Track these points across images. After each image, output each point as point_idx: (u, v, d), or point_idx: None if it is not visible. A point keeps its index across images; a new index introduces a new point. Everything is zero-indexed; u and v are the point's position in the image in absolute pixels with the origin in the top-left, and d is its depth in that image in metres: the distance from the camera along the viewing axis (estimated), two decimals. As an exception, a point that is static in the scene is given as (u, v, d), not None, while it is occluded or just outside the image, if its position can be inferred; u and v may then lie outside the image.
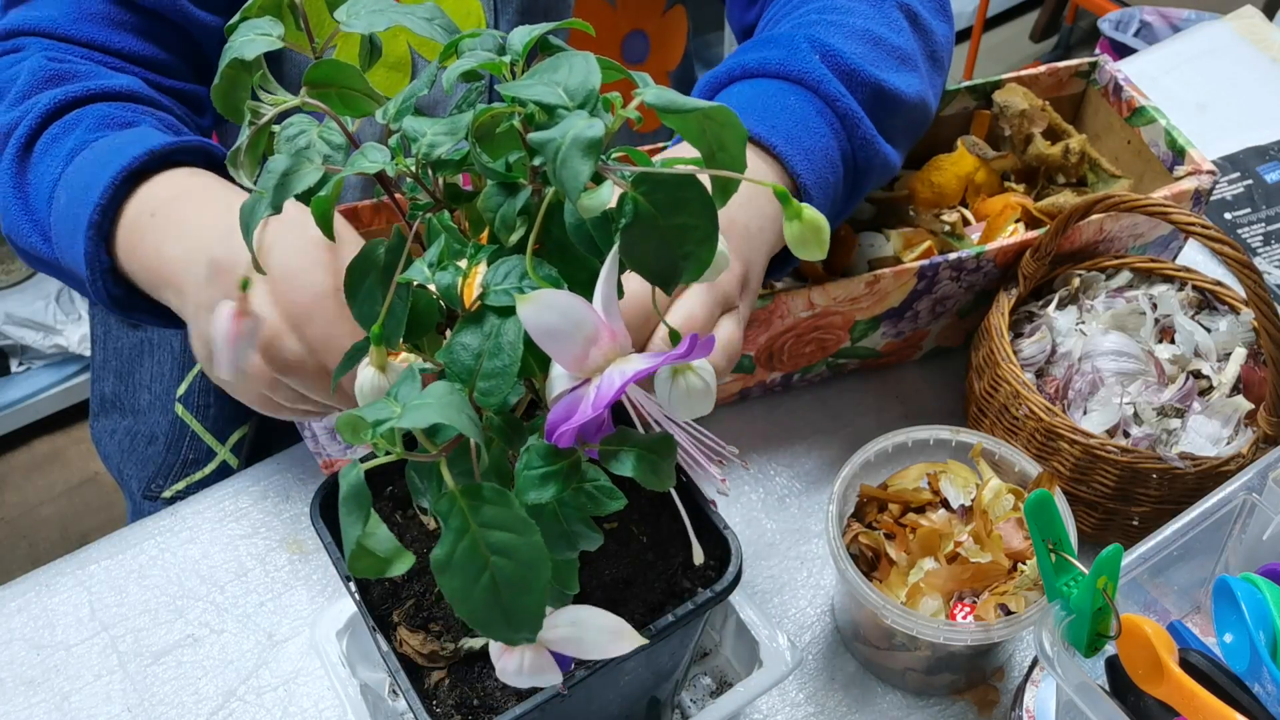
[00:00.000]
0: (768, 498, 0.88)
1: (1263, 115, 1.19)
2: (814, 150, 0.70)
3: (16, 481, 2.10)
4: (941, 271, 0.84)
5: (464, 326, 0.37)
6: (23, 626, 0.82)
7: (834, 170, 0.72)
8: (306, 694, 0.78)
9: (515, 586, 0.34)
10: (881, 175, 0.78)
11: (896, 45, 0.79)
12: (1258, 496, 0.68)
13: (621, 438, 0.35)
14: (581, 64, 0.34)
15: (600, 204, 0.33)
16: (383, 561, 0.37)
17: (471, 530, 0.34)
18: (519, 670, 0.41)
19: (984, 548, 0.72)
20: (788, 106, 0.71)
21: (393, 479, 0.66)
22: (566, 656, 0.42)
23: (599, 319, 0.34)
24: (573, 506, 0.37)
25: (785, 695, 0.77)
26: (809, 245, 0.36)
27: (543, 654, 0.41)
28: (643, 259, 0.35)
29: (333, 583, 0.84)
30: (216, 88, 0.37)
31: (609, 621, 0.42)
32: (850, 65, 0.74)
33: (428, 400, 0.34)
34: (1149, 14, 2.39)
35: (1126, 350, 0.81)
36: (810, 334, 0.86)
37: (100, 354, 1.12)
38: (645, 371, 0.33)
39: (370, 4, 0.38)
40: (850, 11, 0.79)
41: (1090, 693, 0.57)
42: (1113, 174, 0.95)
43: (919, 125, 0.82)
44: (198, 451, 1.03)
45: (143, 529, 0.88)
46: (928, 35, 0.83)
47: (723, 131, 0.35)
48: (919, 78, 0.80)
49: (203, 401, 1.06)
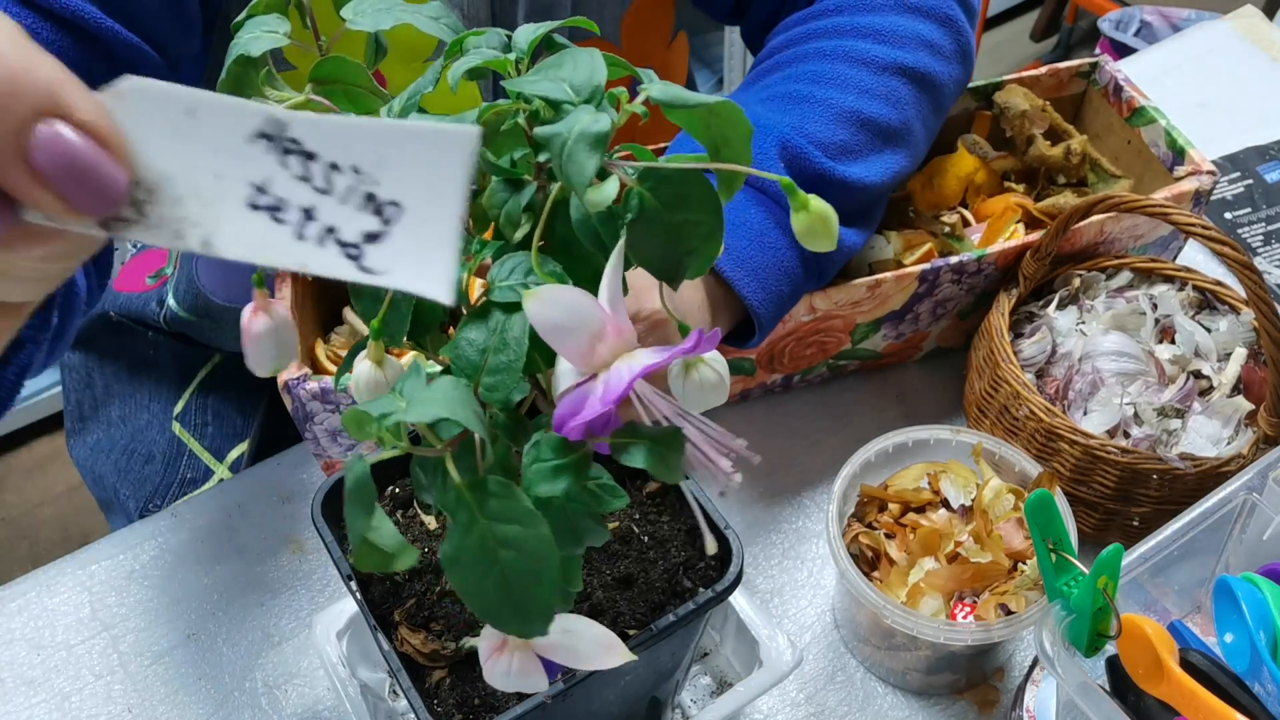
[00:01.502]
0: (768, 498, 0.88)
1: (1263, 115, 1.19)
2: (766, 267, 0.74)
3: (17, 481, 2.10)
4: (942, 275, 0.84)
5: (469, 322, 0.37)
6: (23, 626, 0.82)
7: (789, 280, 0.75)
8: (306, 694, 0.78)
9: (525, 578, 0.34)
10: (846, 259, 0.81)
11: (884, 125, 0.79)
12: (1258, 496, 0.68)
13: (631, 431, 0.35)
14: (587, 60, 0.35)
15: (605, 199, 0.33)
16: (388, 556, 0.37)
17: (479, 524, 0.34)
18: (507, 673, 0.41)
19: (984, 548, 0.72)
20: (747, 222, 0.74)
21: (394, 479, 0.66)
22: (554, 663, 0.42)
23: (605, 314, 0.34)
24: (579, 502, 0.37)
25: (785, 695, 0.77)
26: (817, 237, 0.36)
27: (532, 659, 0.41)
28: (648, 254, 0.35)
29: (333, 583, 0.84)
30: (222, 83, 0.37)
31: (600, 633, 0.42)
32: (818, 169, 0.76)
33: (433, 395, 0.34)
34: (1149, 14, 2.39)
35: (1127, 350, 0.81)
36: (811, 337, 0.86)
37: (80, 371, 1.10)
38: (653, 366, 0.33)
39: (376, 2, 0.38)
40: (844, 84, 0.79)
41: (1090, 692, 0.57)
42: (1113, 174, 0.95)
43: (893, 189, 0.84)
44: (195, 470, 1.03)
45: (143, 529, 0.88)
46: (935, 90, 0.83)
47: (727, 127, 0.35)
48: (904, 151, 0.82)
49: (200, 420, 1.06)
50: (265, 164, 0.27)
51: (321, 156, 0.27)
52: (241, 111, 0.27)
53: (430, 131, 0.26)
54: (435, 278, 0.27)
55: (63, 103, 0.25)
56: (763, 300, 0.73)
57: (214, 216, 0.27)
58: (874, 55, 0.80)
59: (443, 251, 0.27)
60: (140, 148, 0.27)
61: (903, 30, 0.81)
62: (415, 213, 0.27)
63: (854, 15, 0.82)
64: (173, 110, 0.27)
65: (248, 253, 0.27)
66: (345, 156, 0.27)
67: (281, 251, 0.27)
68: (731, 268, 0.72)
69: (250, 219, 0.27)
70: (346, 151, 0.27)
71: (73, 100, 0.25)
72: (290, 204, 0.27)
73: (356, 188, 0.27)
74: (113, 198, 0.26)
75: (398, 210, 0.27)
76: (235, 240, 0.27)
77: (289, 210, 0.27)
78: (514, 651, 0.41)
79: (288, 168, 0.27)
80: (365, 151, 0.27)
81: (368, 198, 0.27)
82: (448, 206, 0.27)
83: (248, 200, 0.27)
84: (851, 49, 0.80)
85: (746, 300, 0.73)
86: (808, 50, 0.81)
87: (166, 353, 1.09)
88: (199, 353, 1.10)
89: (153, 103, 0.26)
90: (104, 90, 0.27)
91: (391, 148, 0.26)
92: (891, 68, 0.80)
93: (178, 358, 1.09)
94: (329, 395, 0.74)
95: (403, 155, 0.26)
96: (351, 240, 0.27)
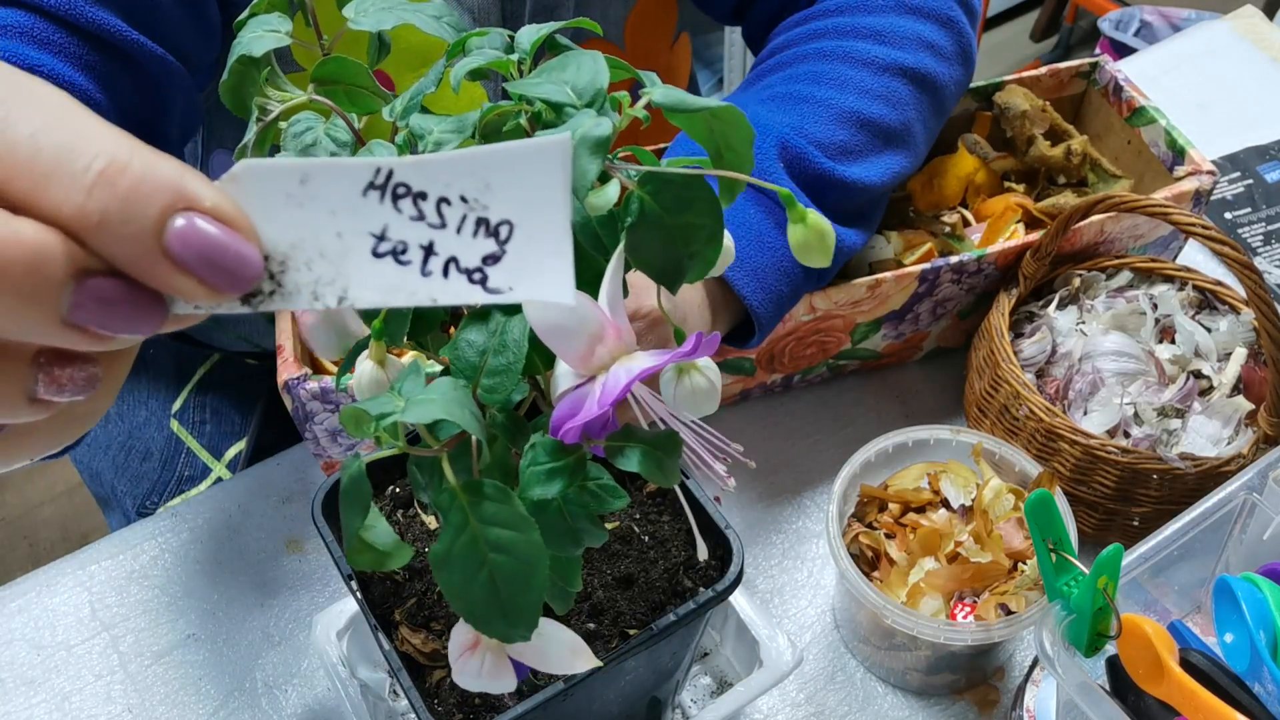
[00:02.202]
0: (768, 498, 0.88)
1: (1263, 115, 1.19)
2: (765, 267, 0.74)
3: (17, 481, 2.10)
4: (942, 275, 0.84)
5: (469, 324, 0.37)
6: (23, 626, 0.82)
7: (789, 280, 0.75)
8: (306, 694, 0.78)
9: (513, 583, 0.34)
10: (846, 259, 0.81)
11: (885, 125, 0.79)
12: (1258, 496, 0.68)
13: (627, 434, 0.35)
14: (590, 63, 0.35)
15: (606, 202, 0.33)
16: (382, 555, 0.37)
17: (471, 526, 0.34)
18: (478, 673, 0.41)
19: (984, 548, 0.72)
20: (747, 222, 0.74)
21: (395, 478, 0.66)
22: (523, 665, 0.42)
23: (604, 317, 0.34)
24: (577, 504, 0.37)
25: (785, 695, 0.77)
26: (813, 252, 0.36)
27: (503, 660, 0.41)
28: (648, 257, 0.35)
29: (333, 583, 0.84)
30: (224, 83, 0.37)
31: (569, 638, 0.42)
32: (818, 170, 0.76)
33: (432, 395, 0.34)
34: (1149, 14, 2.39)
35: (1127, 350, 0.81)
36: (811, 337, 0.86)
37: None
38: (651, 369, 0.33)
39: (378, 1, 0.38)
40: (845, 85, 0.79)
41: (1091, 692, 0.57)
42: (1113, 174, 0.95)
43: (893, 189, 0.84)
44: (193, 468, 1.03)
45: (143, 529, 0.88)
46: (936, 91, 0.83)
47: (729, 131, 0.35)
48: (904, 152, 0.82)
49: (198, 418, 1.06)
50: (381, 212, 0.28)
51: (431, 194, 0.28)
52: (350, 169, 0.28)
53: (525, 148, 0.28)
54: (556, 284, 0.28)
55: (189, 195, 0.26)
56: (762, 301, 0.73)
57: (345, 272, 0.28)
58: (874, 56, 0.80)
59: (558, 259, 0.28)
60: (264, 222, 0.28)
61: (903, 31, 0.81)
62: (526, 227, 0.28)
63: (855, 16, 0.82)
64: (287, 182, 0.28)
65: (381, 298, 0.29)
66: (452, 189, 0.28)
67: (411, 291, 0.29)
68: (731, 268, 0.72)
69: (378, 266, 0.28)
70: (452, 184, 0.28)
71: (197, 191, 0.26)
72: (411, 244, 0.28)
73: (468, 216, 0.28)
74: (250, 275, 0.27)
75: (510, 228, 0.28)
76: (368, 289, 0.29)
77: (411, 250, 0.28)
78: (486, 652, 0.41)
79: (402, 211, 0.28)
80: (469, 181, 0.28)
81: (480, 223, 0.28)
82: (555, 214, 0.28)
83: (372, 250, 0.28)
84: (852, 49, 0.80)
85: (746, 301, 0.73)
86: (808, 51, 0.81)
87: (165, 351, 1.09)
88: (198, 351, 1.10)
89: (266, 178, 0.28)
90: (221, 178, 0.28)
91: (493, 172, 0.28)
92: (892, 68, 0.80)
93: (176, 356, 1.09)
94: (329, 395, 0.74)
95: (504, 176, 0.28)
96: (473, 266, 0.28)
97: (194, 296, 0.27)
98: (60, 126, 0.26)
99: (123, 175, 0.25)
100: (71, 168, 0.25)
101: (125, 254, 0.26)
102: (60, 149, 0.25)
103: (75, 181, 0.25)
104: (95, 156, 0.25)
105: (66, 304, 0.26)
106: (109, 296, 0.26)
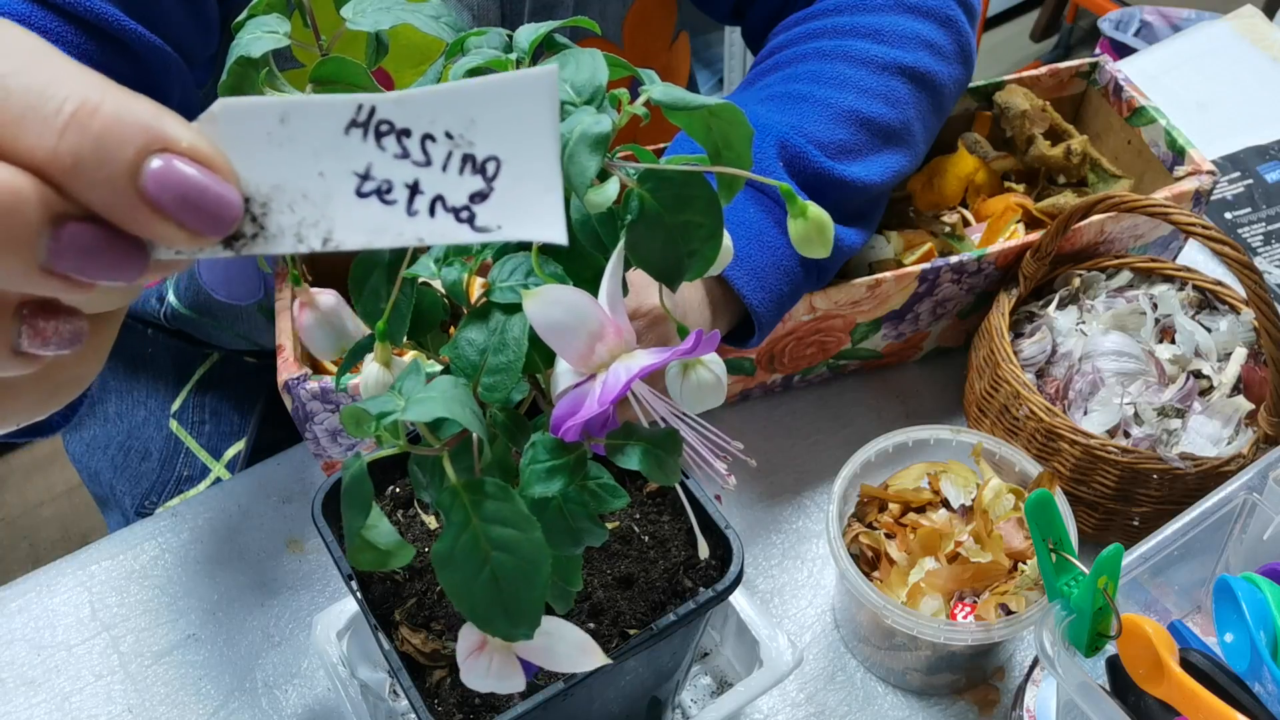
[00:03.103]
0: (768, 498, 0.88)
1: (1263, 115, 1.19)
2: (765, 266, 0.74)
3: (17, 481, 2.10)
4: (942, 274, 0.84)
5: (469, 322, 0.37)
6: (24, 627, 0.82)
7: (789, 279, 0.75)
8: (306, 694, 0.78)
9: (516, 581, 0.34)
10: (846, 259, 0.81)
11: (884, 125, 0.79)
12: (1258, 496, 0.68)
13: (628, 432, 0.35)
14: (589, 61, 0.35)
15: (606, 200, 0.33)
16: (383, 554, 0.37)
17: (472, 525, 0.34)
18: (485, 673, 0.41)
19: (984, 547, 0.72)
20: (746, 221, 0.74)
21: (396, 478, 0.66)
22: (531, 664, 0.42)
23: (604, 315, 0.34)
24: (577, 502, 0.37)
25: (785, 695, 0.77)
26: (813, 243, 0.36)
27: (511, 660, 0.41)
28: (648, 255, 0.35)
29: (333, 583, 0.84)
30: (223, 84, 0.37)
31: (579, 637, 0.42)
32: (817, 169, 0.75)
33: (432, 394, 0.34)
34: (1149, 14, 2.39)
35: (1127, 350, 0.81)
36: (811, 337, 0.86)
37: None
38: (651, 367, 0.33)
39: (376, 1, 0.38)
40: (844, 84, 0.79)
41: (1091, 692, 0.57)
42: (1113, 174, 0.95)
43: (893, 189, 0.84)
44: (192, 468, 1.03)
45: (143, 529, 0.88)
46: (935, 91, 0.83)
47: (728, 129, 0.35)
48: (904, 151, 0.81)
49: (197, 418, 1.06)
50: (364, 151, 0.27)
51: (415, 131, 0.27)
52: (331, 106, 0.27)
53: (510, 81, 0.27)
54: (547, 222, 0.27)
55: (164, 136, 0.26)
56: (762, 300, 0.73)
57: (329, 214, 0.28)
58: (874, 55, 0.80)
59: (548, 195, 0.27)
60: (245, 163, 0.27)
61: (903, 30, 0.81)
62: (514, 162, 0.27)
63: (854, 15, 0.82)
64: (266, 121, 0.27)
65: (367, 239, 0.28)
66: (436, 125, 0.27)
67: (397, 231, 0.28)
68: (731, 267, 0.72)
69: (362, 206, 0.28)
70: (436, 120, 0.27)
71: (173, 132, 0.26)
72: (396, 183, 0.27)
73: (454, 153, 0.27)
74: (230, 217, 0.27)
75: (497, 165, 0.27)
76: (353, 230, 0.28)
77: (396, 190, 0.28)
78: (494, 652, 0.40)
79: (385, 149, 0.27)
80: (454, 116, 0.27)
81: (466, 159, 0.27)
82: (543, 149, 0.27)
83: (356, 189, 0.27)
84: (851, 49, 0.80)
85: (746, 300, 0.73)
86: (807, 50, 0.81)
87: (164, 350, 1.09)
88: (197, 351, 1.10)
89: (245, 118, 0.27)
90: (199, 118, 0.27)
91: (478, 106, 0.27)
92: (891, 68, 0.80)
93: (176, 355, 1.09)
94: (329, 395, 0.74)
95: (490, 110, 0.27)
96: (460, 204, 0.28)
97: (174, 241, 0.26)
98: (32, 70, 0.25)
99: (95, 116, 0.25)
100: (43, 110, 0.25)
101: (101, 198, 0.25)
102: (31, 92, 0.25)
103: (47, 124, 0.25)
104: (66, 99, 0.25)
105: (44, 250, 0.25)
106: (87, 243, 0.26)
